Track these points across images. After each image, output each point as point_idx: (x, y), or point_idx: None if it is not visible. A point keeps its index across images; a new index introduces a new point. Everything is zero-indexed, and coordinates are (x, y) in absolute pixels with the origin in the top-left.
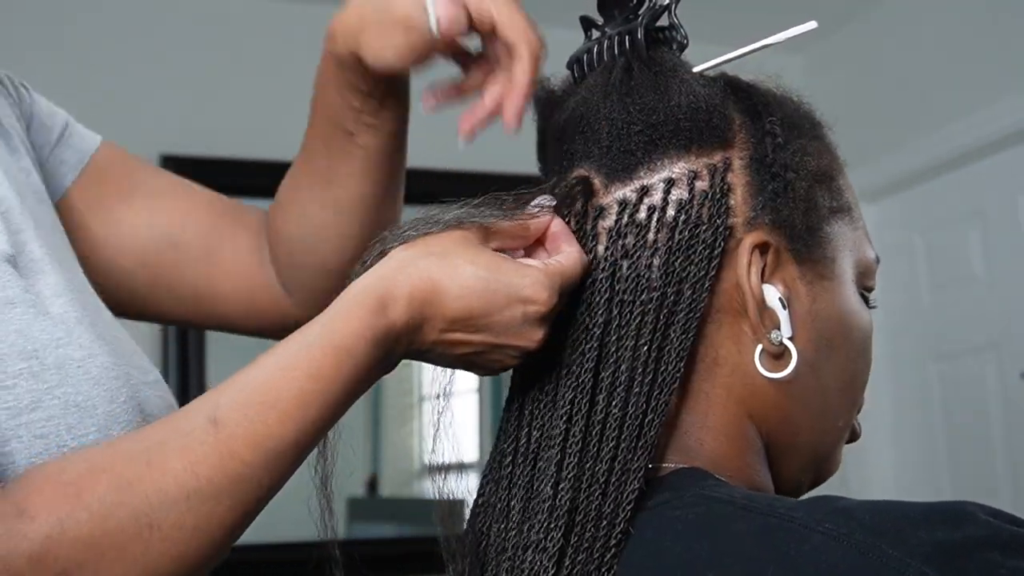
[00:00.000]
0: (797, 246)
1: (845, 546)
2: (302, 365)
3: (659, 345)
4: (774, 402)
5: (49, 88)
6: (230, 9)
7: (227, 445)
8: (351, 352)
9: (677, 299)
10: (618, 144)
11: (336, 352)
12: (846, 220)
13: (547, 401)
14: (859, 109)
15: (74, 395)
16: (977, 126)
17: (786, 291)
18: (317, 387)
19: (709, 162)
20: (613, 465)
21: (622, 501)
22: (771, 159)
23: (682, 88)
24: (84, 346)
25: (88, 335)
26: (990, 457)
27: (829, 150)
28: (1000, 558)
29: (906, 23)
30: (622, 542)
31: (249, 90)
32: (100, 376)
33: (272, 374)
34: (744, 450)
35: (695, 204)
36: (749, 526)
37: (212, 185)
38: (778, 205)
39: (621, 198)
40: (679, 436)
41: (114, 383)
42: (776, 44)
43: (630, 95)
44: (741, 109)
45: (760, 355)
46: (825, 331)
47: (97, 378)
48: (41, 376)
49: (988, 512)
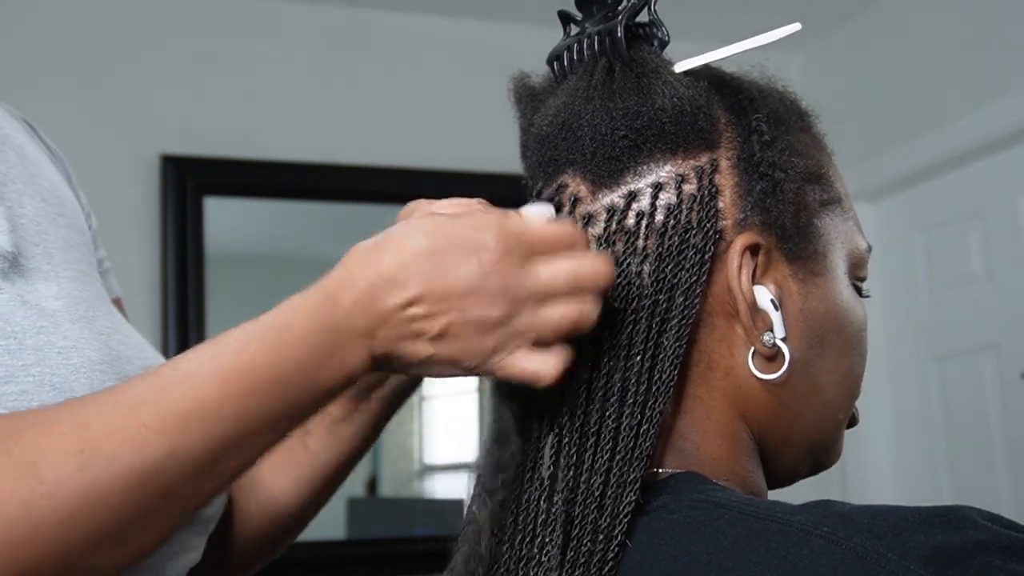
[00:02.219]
0: (788, 245)
1: (844, 550)
2: (230, 340)
3: (652, 354)
4: (769, 403)
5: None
6: (230, 9)
7: (131, 411)
8: (290, 329)
9: (669, 306)
10: (603, 150)
11: (273, 330)
12: (836, 211)
13: (538, 413)
14: (858, 108)
15: (50, 376)
16: (977, 126)
17: (778, 291)
18: (241, 362)
19: (696, 164)
20: (608, 477)
21: (619, 513)
22: (759, 158)
23: (665, 90)
24: (69, 338)
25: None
26: (990, 457)
27: (817, 141)
28: (999, 562)
29: (905, 22)
30: (620, 554)
31: (249, 90)
32: (81, 365)
33: (198, 351)
34: (739, 452)
35: (684, 208)
36: (748, 530)
37: (213, 185)
38: (767, 205)
39: (609, 204)
40: (675, 441)
41: (99, 376)
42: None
43: (612, 99)
44: (726, 106)
45: (753, 357)
46: (819, 328)
47: (77, 366)
48: (17, 354)
49: (986, 516)
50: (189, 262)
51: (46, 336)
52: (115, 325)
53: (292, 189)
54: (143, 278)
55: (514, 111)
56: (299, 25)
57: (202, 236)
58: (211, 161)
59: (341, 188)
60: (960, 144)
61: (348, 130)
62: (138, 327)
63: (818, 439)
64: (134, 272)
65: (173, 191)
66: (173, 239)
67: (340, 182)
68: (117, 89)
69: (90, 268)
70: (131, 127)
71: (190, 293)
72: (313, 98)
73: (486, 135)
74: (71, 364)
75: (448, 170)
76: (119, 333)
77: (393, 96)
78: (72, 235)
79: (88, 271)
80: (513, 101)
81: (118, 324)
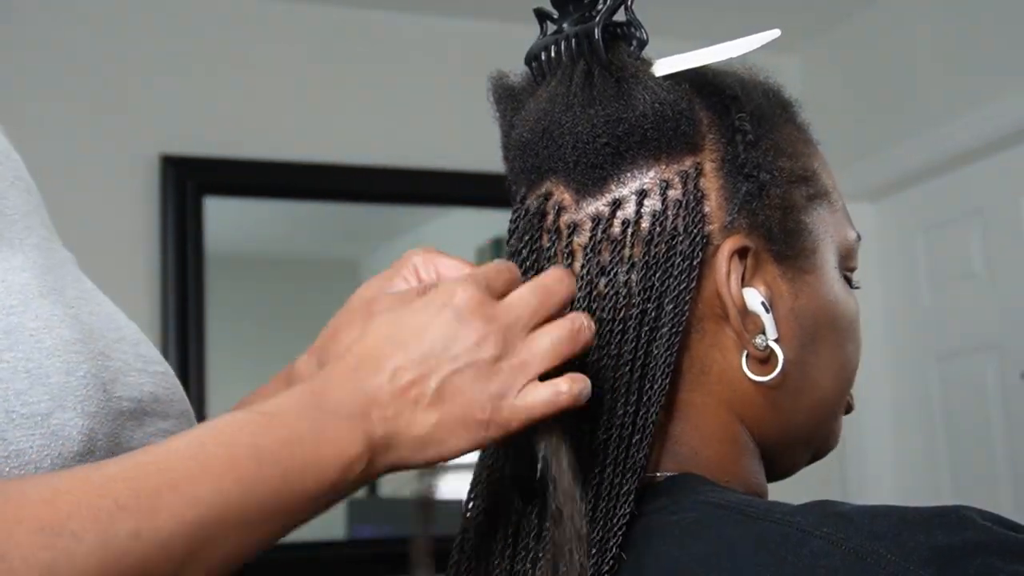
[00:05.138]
0: (776, 246)
1: (843, 550)
2: (216, 422)
3: (642, 363)
4: (765, 403)
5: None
6: (230, 9)
7: (102, 487)
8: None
9: (658, 314)
10: (585, 158)
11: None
12: (824, 205)
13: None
14: (859, 108)
15: (24, 361)
16: (977, 126)
17: (768, 292)
18: (221, 441)
19: (680, 169)
20: (600, 490)
21: (612, 526)
22: (743, 159)
23: (646, 95)
24: (41, 317)
25: (51, 310)
26: (990, 457)
27: (802, 133)
28: (999, 563)
29: (905, 21)
30: (615, 566)
31: (249, 90)
32: (55, 347)
33: (188, 431)
34: (739, 454)
35: (669, 214)
36: (747, 531)
37: (213, 185)
38: (754, 208)
39: (594, 213)
40: (672, 446)
41: (73, 357)
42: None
43: (592, 105)
44: (708, 106)
45: (746, 360)
46: (811, 325)
47: (51, 349)
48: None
49: (987, 517)
50: (189, 262)
51: (17, 317)
52: (84, 294)
53: (292, 189)
54: (143, 278)
55: (493, 111)
56: (299, 25)
57: (202, 236)
58: (211, 161)
59: (341, 188)
60: (961, 143)
61: (348, 130)
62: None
63: (815, 431)
64: (134, 272)
65: (173, 191)
66: (173, 239)
67: (340, 182)
68: (117, 89)
69: (50, 233)
70: (131, 127)
71: (190, 293)
72: (313, 98)
73: (486, 135)
74: (45, 347)
75: (448, 170)
76: (89, 303)
77: (393, 96)
78: (30, 199)
79: (49, 236)
80: (492, 101)
81: (87, 292)
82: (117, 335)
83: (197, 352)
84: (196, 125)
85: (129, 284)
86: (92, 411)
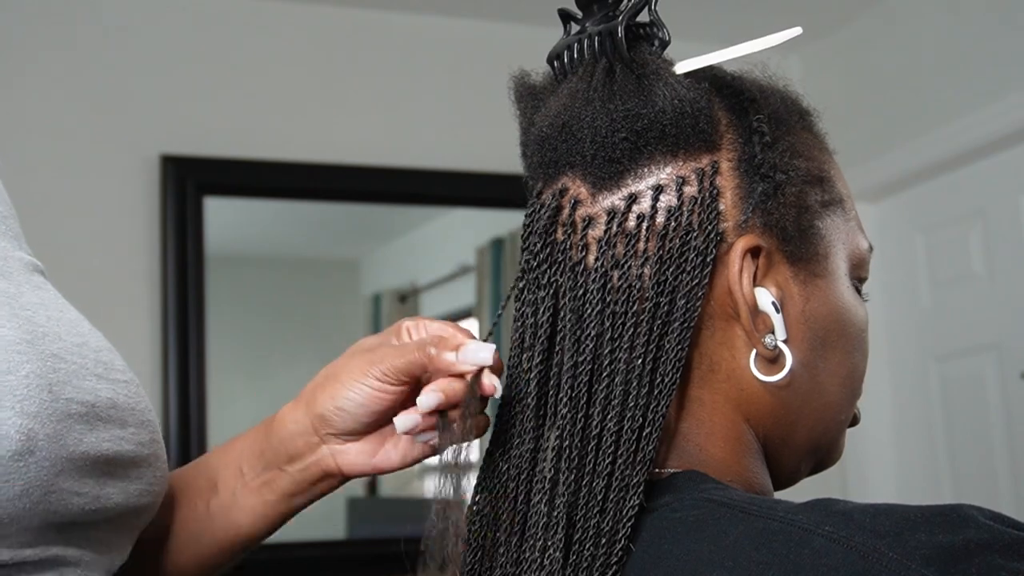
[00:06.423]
0: (789, 247)
1: (845, 549)
2: None
3: (654, 356)
4: (771, 404)
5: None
6: (229, 9)
7: None
8: None
9: (671, 309)
10: (603, 152)
11: None
12: (838, 212)
13: (541, 415)
14: (859, 108)
15: None
16: (977, 126)
17: (779, 293)
18: None
19: (697, 166)
20: (611, 481)
21: (621, 518)
22: (760, 159)
23: (666, 92)
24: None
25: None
26: (990, 457)
27: (818, 141)
28: (1001, 561)
29: (905, 22)
30: (623, 558)
31: (249, 90)
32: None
33: None
34: (743, 453)
35: (685, 210)
36: (749, 529)
37: (213, 185)
38: (769, 208)
39: (609, 207)
40: (678, 443)
41: (16, 357)
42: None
43: (612, 100)
44: (727, 107)
45: (755, 360)
46: (820, 330)
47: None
48: None
49: (988, 515)
50: (189, 262)
51: None
52: (44, 300)
53: (292, 189)
54: (143, 278)
55: (514, 110)
56: (299, 25)
57: (202, 236)
58: (211, 161)
59: (341, 188)
60: (961, 144)
61: (348, 130)
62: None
63: (820, 439)
64: (134, 272)
65: (173, 191)
66: (173, 239)
67: (340, 182)
68: (117, 89)
69: (16, 238)
70: (131, 127)
71: (190, 293)
72: (313, 98)
73: (486, 135)
74: None
75: (448, 170)
76: (48, 309)
77: (393, 96)
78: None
79: (14, 241)
80: (513, 100)
81: (48, 299)
82: (77, 340)
83: (197, 352)
84: (196, 125)
85: (129, 284)
86: (33, 411)
